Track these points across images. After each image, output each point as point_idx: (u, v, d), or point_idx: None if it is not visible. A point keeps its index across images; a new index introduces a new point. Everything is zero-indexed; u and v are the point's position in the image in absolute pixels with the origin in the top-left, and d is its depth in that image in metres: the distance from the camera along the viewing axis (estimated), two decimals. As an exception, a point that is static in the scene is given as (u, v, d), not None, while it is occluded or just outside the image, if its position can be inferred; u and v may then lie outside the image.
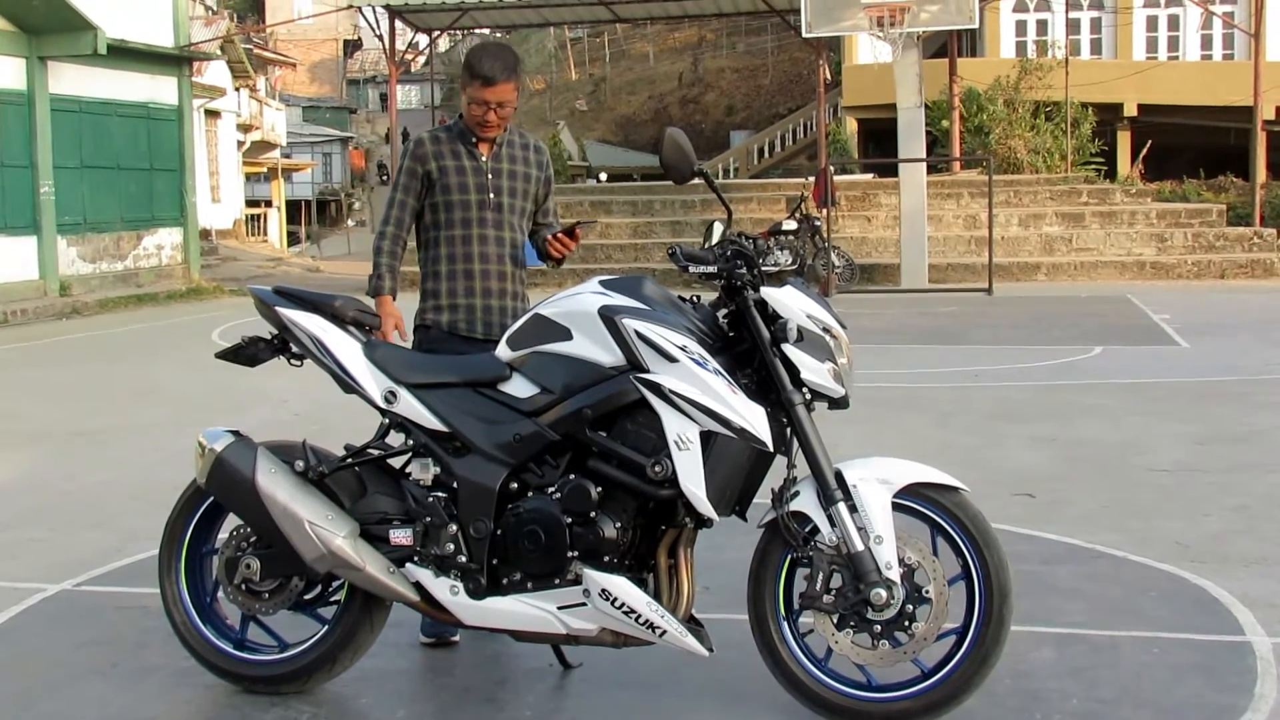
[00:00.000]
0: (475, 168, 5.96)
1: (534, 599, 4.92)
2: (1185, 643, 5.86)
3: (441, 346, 5.79)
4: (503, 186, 6.00)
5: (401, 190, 5.98)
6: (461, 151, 5.96)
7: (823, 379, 4.82)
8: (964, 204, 31.12)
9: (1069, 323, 19.61)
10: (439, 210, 5.97)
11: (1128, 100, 39.54)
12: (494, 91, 5.81)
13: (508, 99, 5.88)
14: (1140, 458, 9.86)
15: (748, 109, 58.65)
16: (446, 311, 5.91)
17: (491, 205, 5.97)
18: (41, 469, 10.10)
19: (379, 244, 6.01)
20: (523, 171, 6.07)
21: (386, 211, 6.01)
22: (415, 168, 5.94)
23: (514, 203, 6.04)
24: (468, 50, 6.08)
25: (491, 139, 5.99)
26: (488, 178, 5.97)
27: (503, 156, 6.03)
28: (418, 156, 5.95)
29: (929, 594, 4.81)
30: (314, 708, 5.15)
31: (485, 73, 5.77)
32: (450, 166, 5.93)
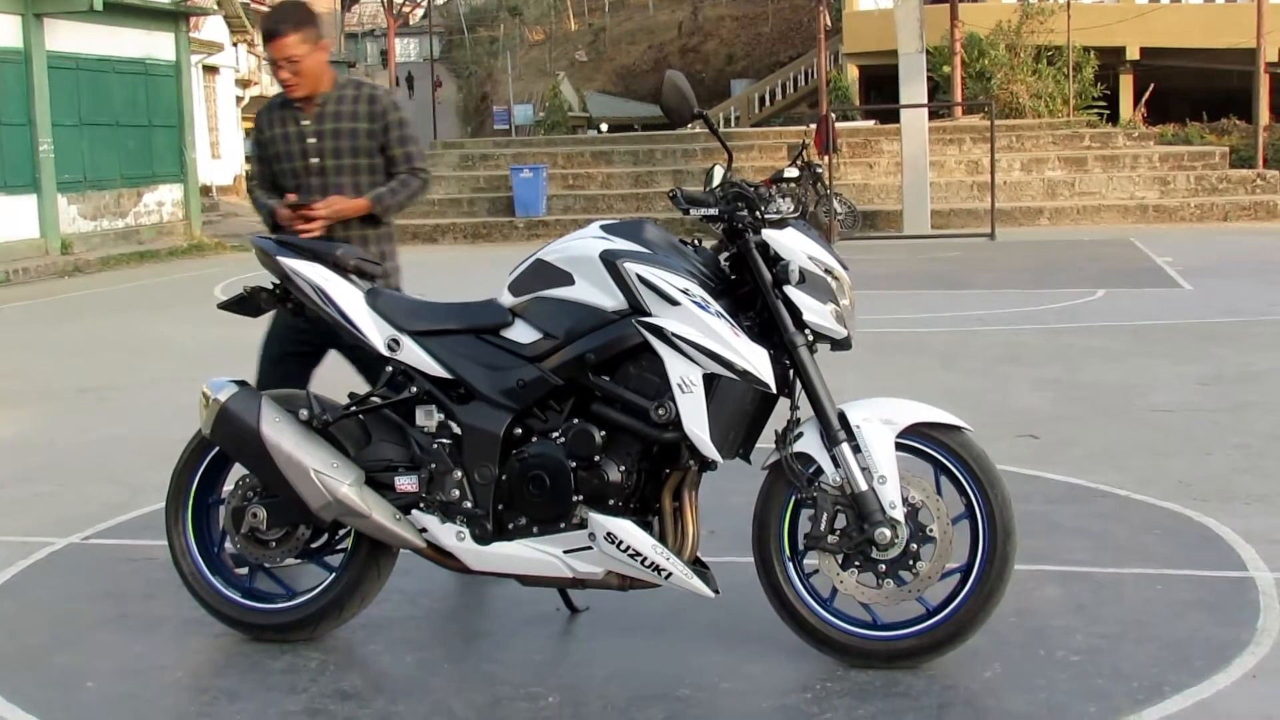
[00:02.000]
0: (297, 133, 5.85)
1: (540, 543, 4.94)
2: (1188, 579, 5.89)
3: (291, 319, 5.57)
4: (325, 148, 5.85)
5: (258, 161, 6.01)
6: (286, 118, 5.86)
7: (825, 320, 4.83)
8: (966, 149, 31.04)
9: (1072, 266, 19.60)
10: (276, 180, 5.95)
11: (1130, 43, 39.49)
12: (277, 47, 5.67)
13: (296, 54, 5.70)
14: (1143, 398, 9.88)
15: (748, 57, 58.51)
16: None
17: (314, 170, 5.85)
18: (48, 425, 10.13)
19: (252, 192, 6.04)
20: (349, 128, 5.86)
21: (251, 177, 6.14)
22: (259, 137, 5.94)
23: (341, 163, 5.87)
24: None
25: (308, 99, 5.82)
26: (308, 142, 5.84)
27: (325, 116, 5.85)
28: (258, 127, 5.97)
29: (933, 533, 4.83)
30: (322, 655, 5.18)
31: (265, 27, 5.71)
32: (277, 135, 5.87)
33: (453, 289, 6.26)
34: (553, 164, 32.35)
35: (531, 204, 29.76)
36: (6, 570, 6.42)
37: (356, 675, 5.03)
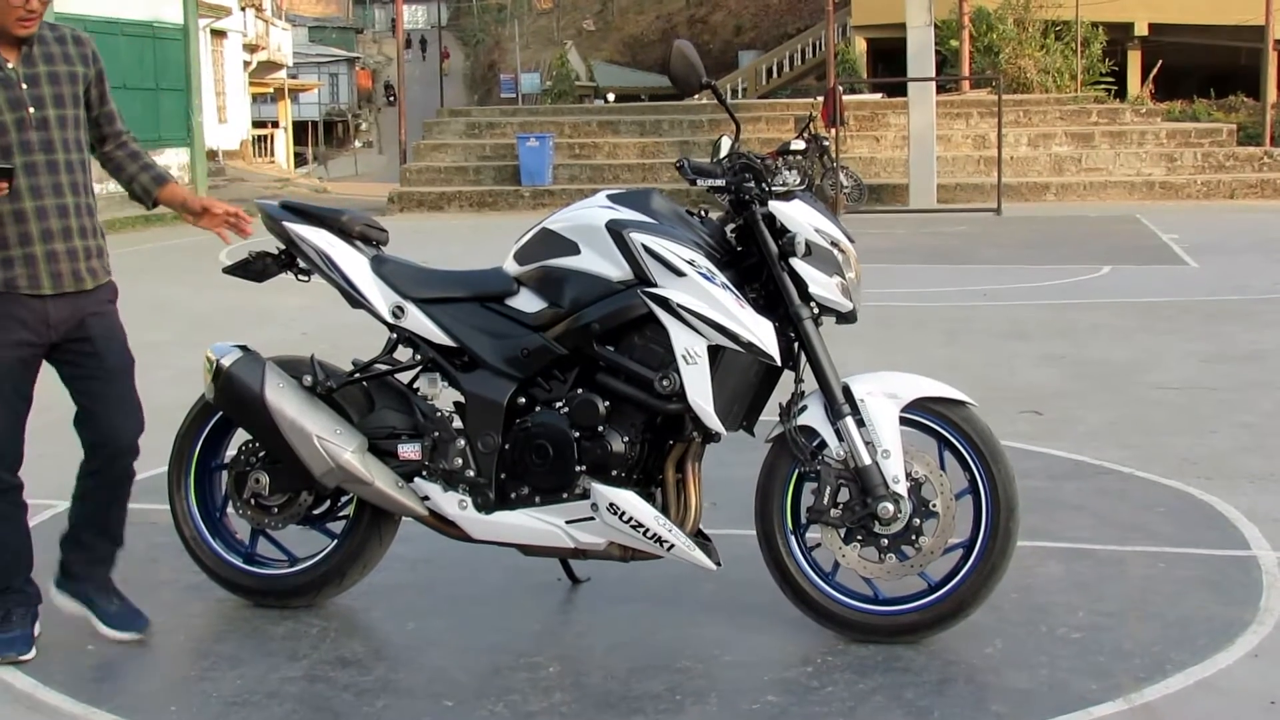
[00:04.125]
0: (3, 79, 4.71)
1: (542, 513, 4.93)
2: (1191, 557, 5.88)
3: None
4: (44, 96, 4.78)
5: None
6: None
7: (831, 293, 4.83)
8: (973, 124, 30.99)
9: (1078, 242, 19.60)
10: None
11: (1138, 19, 39.40)
12: None
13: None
14: (1148, 376, 9.88)
15: (756, 29, 58.41)
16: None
17: (33, 123, 4.75)
18: (50, 388, 10.02)
19: None
20: (66, 72, 4.84)
21: None
22: None
23: (63, 114, 4.83)
24: None
25: (25, 38, 4.74)
26: (22, 89, 4.73)
27: (36, 58, 4.79)
28: None
29: (936, 508, 4.83)
30: (323, 621, 5.18)
31: None
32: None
33: (458, 257, 6.22)
34: (559, 133, 32.30)
35: (538, 173, 29.73)
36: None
37: (357, 642, 5.03)
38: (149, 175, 5.17)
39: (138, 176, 5.17)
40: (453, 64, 68.63)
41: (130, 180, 5.18)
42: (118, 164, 5.17)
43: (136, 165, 5.17)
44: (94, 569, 5.10)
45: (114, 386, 4.98)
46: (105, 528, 5.13)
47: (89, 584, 5.08)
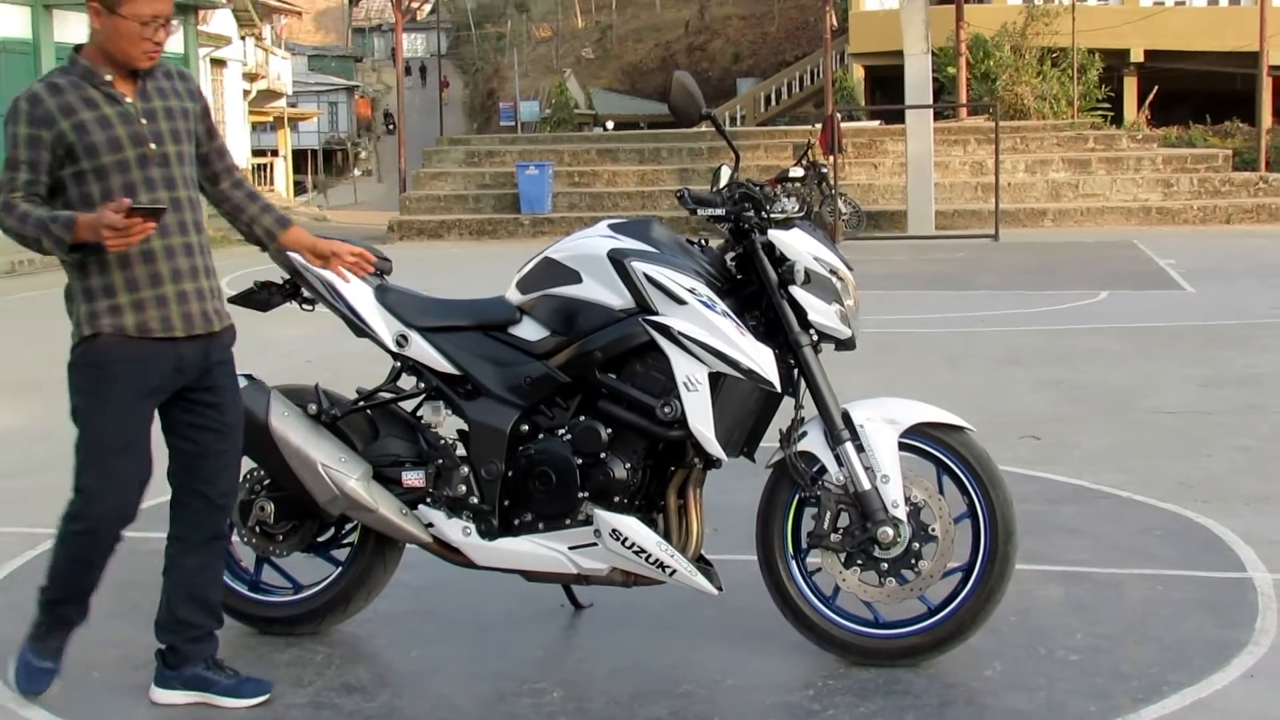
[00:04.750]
0: (122, 114, 4.49)
1: (545, 539, 4.98)
2: (1188, 580, 5.93)
3: (124, 362, 4.52)
4: (162, 132, 4.57)
5: (28, 169, 4.44)
6: (97, 98, 4.48)
7: (829, 320, 4.88)
8: (970, 150, 31.10)
9: (1075, 268, 19.69)
10: (88, 180, 4.46)
11: (1135, 46, 39.59)
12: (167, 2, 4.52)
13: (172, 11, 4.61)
14: (1145, 400, 9.94)
15: (754, 56, 58.59)
16: (130, 311, 4.50)
17: (156, 159, 4.54)
18: (54, 416, 10.07)
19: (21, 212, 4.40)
20: (179, 107, 4.66)
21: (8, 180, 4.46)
22: (40, 135, 4.41)
23: (180, 150, 4.63)
24: None
25: (140, 72, 4.56)
26: (142, 123, 4.53)
27: (151, 93, 4.59)
28: (39, 119, 4.42)
29: (935, 532, 4.88)
30: (328, 648, 5.22)
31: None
32: (89, 120, 4.44)
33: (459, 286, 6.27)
34: (559, 161, 32.42)
35: (537, 201, 29.82)
36: (14, 560, 6.49)
37: (362, 669, 5.07)
38: (271, 218, 4.99)
39: (259, 219, 4.97)
40: (452, 92, 68.79)
41: (251, 222, 4.97)
42: (236, 205, 4.95)
43: (257, 207, 4.98)
44: (199, 647, 4.81)
45: (227, 440, 4.76)
46: (204, 600, 4.84)
47: (197, 664, 4.79)
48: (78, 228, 4.29)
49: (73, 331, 4.57)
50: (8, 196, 4.42)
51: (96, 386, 4.54)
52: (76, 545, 4.71)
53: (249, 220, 4.96)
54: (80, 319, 4.52)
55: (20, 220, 4.37)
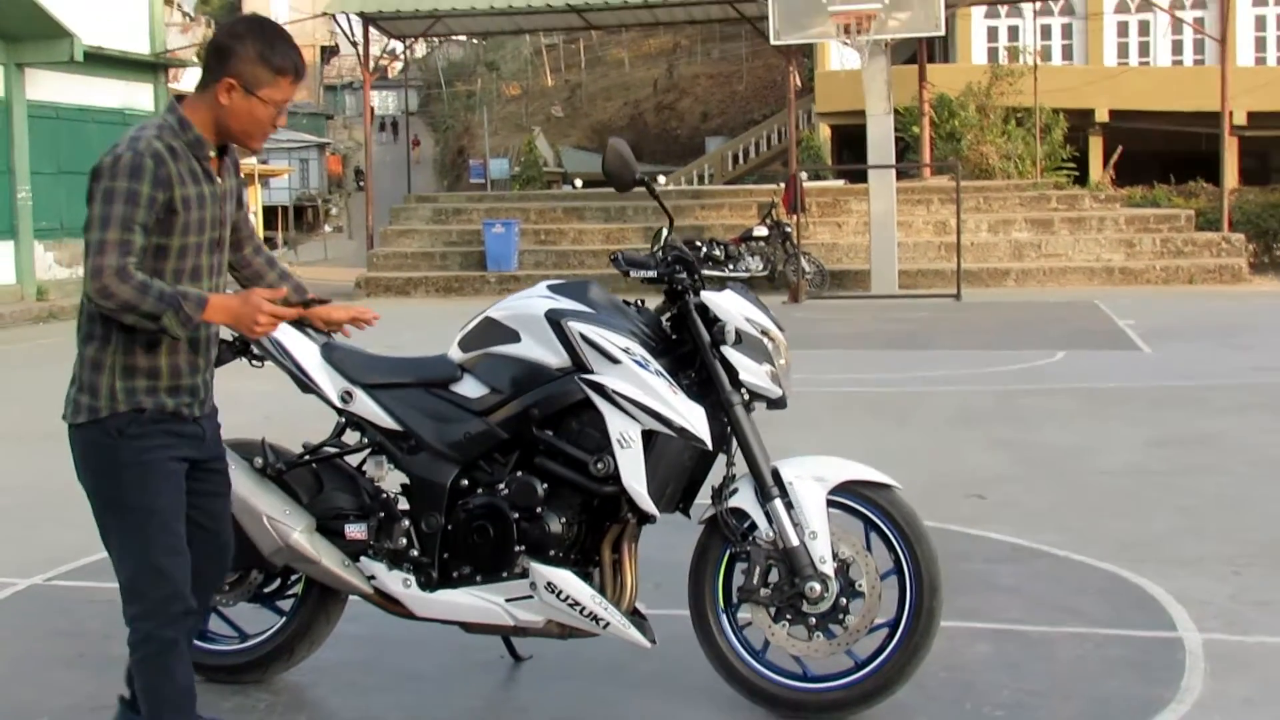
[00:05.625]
0: (212, 194, 4.40)
1: (483, 591, 5.09)
2: (1118, 638, 6.05)
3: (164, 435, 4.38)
4: (227, 215, 4.53)
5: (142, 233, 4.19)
6: (199, 172, 4.35)
7: (760, 380, 5.01)
8: (934, 210, 31.35)
9: (1034, 328, 19.83)
10: (168, 257, 4.31)
11: (1099, 106, 39.91)
12: (297, 88, 4.55)
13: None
14: (1092, 460, 10.07)
15: (723, 115, 58.88)
16: (167, 394, 4.37)
17: (219, 243, 4.50)
18: (13, 469, 10.26)
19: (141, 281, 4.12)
20: (233, 187, 4.61)
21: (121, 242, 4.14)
22: (158, 197, 4.20)
23: (227, 233, 4.58)
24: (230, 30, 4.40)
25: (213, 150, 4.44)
26: (220, 206, 4.46)
27: (226, 172, 4.52)
28: (161, 181, 4.20)
29: (862, 588, 5.00)
30: (272, 696, 5.32)
31: (296, 64, 4.42)
32: (192, 195, 4.31)
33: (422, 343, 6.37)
34: (525, 219, 32.60)
35: (504, 259, 29.98)
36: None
37: (304, 717, 5.18)
38: (290, 286, 4.97)
39: (278, 286, 4.86)
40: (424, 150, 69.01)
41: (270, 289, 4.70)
42: (256, 271, 4.94)
43: (275, 274, 4.99)
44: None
45: (229, 505, 4.77)
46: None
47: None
48: (210, 309, 4.20)
49: (86, 403, 4.37)
50: (124, 261, 4.11)
51: (146, 464, 4.33)
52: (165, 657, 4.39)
53: (268, 287, 4.80)
54: (111, 393, 4.33)
55: (139, 290, 4.10)
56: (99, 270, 4.09)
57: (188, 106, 4.36)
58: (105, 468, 4.37)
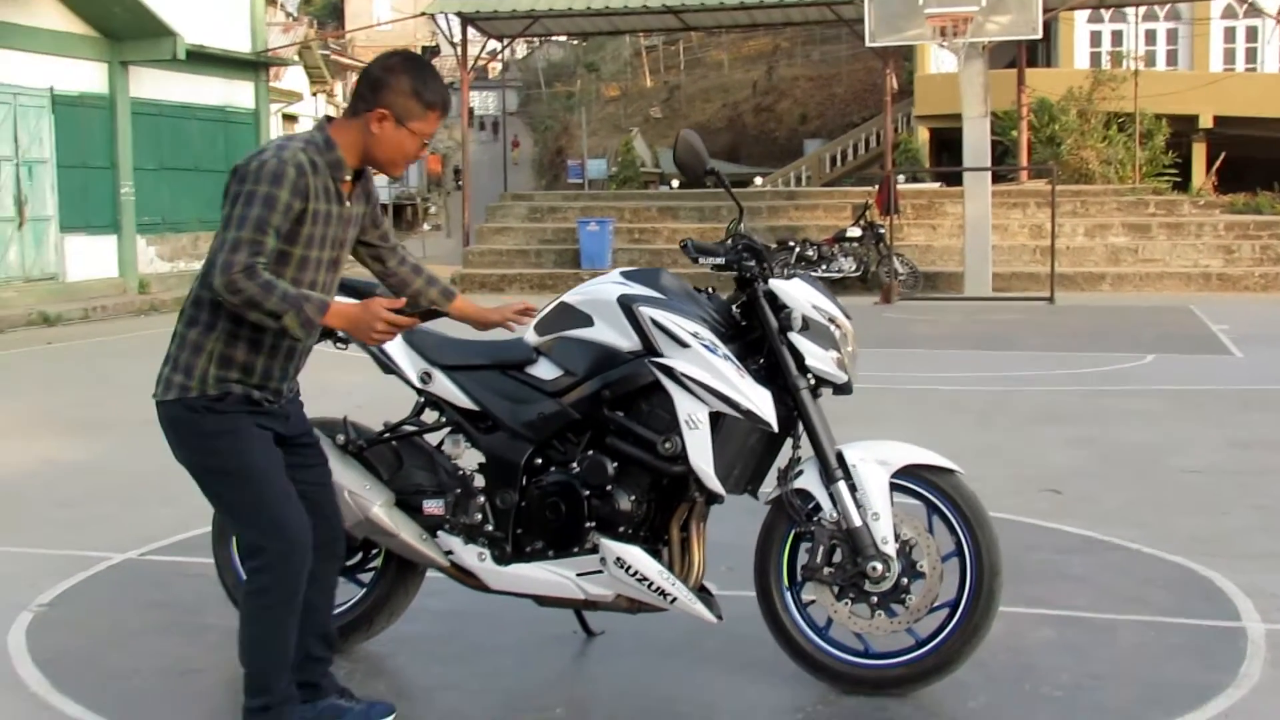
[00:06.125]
0: (340, 215, 4.62)
1: (555, 566, 5.27)
2: (1182, 626, 6.13)
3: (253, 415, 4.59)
4: (349, 238, 4.75)
5: (275, 236, 4.39)
6: (333, 191, 4.56)
7: (826, 365, 5.15)
8: (1030, 213, 31.19)
9: (1126, 331, 19.73)
10: (288, 264, 4.51)
11: (1203, 112, 39.47)
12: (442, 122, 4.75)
13: None
14: (1172, 459, 10.10)
15: (821, 117, 58.80)
16: (255, 389, 4.59)
17: (335, 262, 4.71)
18: (114, 452, 10.57)
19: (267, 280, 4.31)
20: (359, 213, 4.80)
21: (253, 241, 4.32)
22: (293, 203, 4.41)
23: (344, 255, 4.80)
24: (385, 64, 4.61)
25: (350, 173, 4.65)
26: (345, 229, 4.69)
27: (358, 197, 4.74)
28: (300, 191, 4.42)
29: (923, 569, 5.13)
30: (351, 664, 5.51)
31: (445, 100, 4.65)
32: (322, 211, 4.53)
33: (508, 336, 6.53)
34: (620, 218, 32.77)
35: (597, 256, 30.15)
36: (69, 579, 6.86)
37: (381, 683, 5.37)
38: (437, 290, 5.25)
39: (425, 292, 5.22)
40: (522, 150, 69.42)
41: (417, 295, 5.20)
42: (402, 279, 5.17)
43: (422, 280, 5.22)
44: (330, 679, 4.94)
45: (329, 474, 5.00)
46: (328, 634, 4.94)
47: (331, 695, 4.89)
48: (330, 313, 4.38)
49: (179, 381, 4.54)
50: (252, 260, 4.29)
51: (234, 430, 4.53)
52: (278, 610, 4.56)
53: (415, 293, 5.19)
54: (204, 376, 4.51)
55: (264, 288, 4.27)
56: (229, 265, 4.27)
57: (335, 128, 4.59)
58: (196, 440, 4.58)
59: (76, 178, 25.59)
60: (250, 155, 4.46)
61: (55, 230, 25.17)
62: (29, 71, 24.51)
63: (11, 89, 24.13)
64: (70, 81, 25.46)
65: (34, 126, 24.68)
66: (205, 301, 4.53)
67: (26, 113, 24.51)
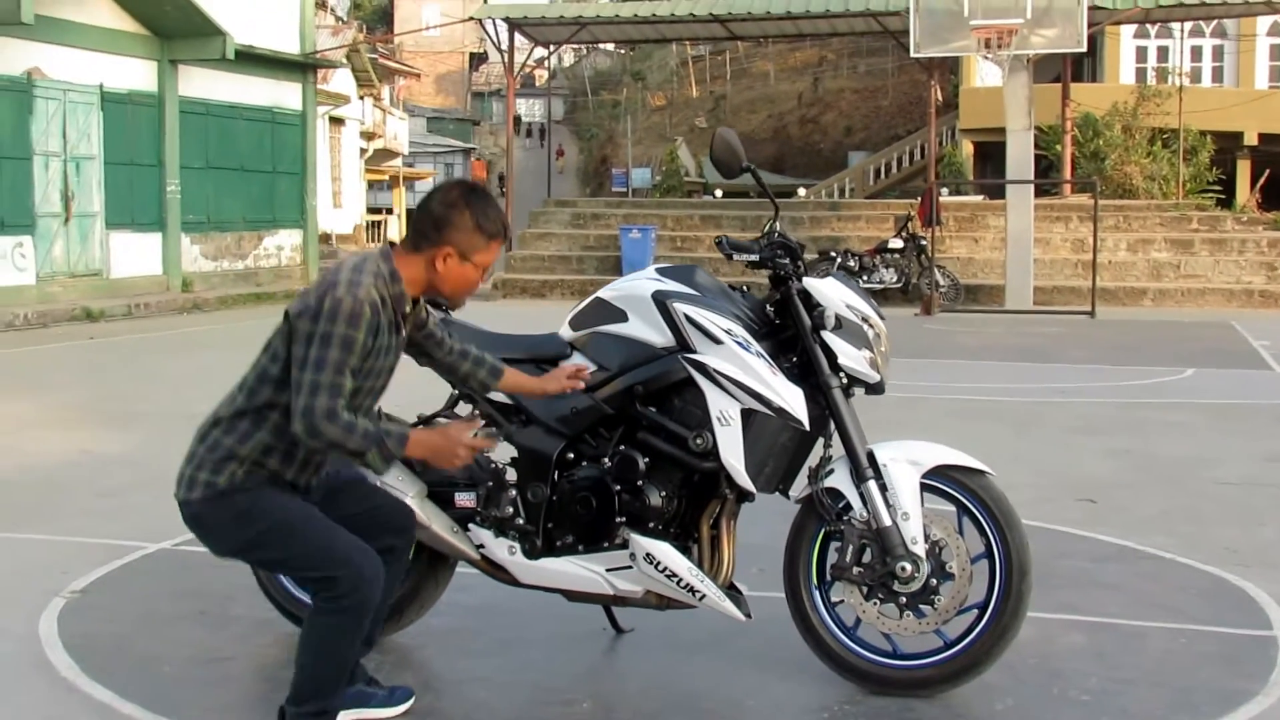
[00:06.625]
0: (397, 346, 4.68)
1: (584, 561, 5.28)
2: (1212, 634, 6.10)
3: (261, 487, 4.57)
4: (398, 361, 4.77)
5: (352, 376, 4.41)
6: (394, 323, 4.61)
7: (859, 365, 5.16)
8: (1073, 227, 31.10)
9: (1166, 345, 19.67)
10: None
11: (1248, 129, 39.38)
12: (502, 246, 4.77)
13: None
14: (1208, 470, 10.06)
15: (866, 129, 58.84)
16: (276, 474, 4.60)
17: (384, 389, 4.76)
18: (151, 444, 10.65)
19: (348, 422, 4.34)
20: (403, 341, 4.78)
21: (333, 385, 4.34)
22: (367, 343, 4.45)
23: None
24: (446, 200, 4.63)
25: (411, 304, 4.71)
26: (397, 356, 4.72)
27: (409, 326, 4.79)
28: (372, 328, 4.45)
29: (952, 570, 5.12)
30: (379, 655, 5.52)
31: (505, 228, 4.69)
32: (384, 346, 4.56)
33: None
34: (662, 226, 32.83)
35: (639, 264, 30.09)
36: (102, 567, 6.92)
37: (409, 674, 5.37)
38: (485, 370, 5.20)
39: (474, 374, 5.19)
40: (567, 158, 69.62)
41: (466, 378, 5.21)
42: (450, 365, 5.16)
43: (469, 363, 5.17)
44: (360, 668, 4.99)
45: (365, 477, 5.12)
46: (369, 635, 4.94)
47: (359, 682, 4.96)
48: (411, 445, 4.47)
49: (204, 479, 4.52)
50: (333, 403, 4.33)
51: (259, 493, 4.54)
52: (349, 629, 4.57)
53: (464, 376, 5.20)
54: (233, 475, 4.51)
55: (346, 430, 4.32)
56: (309, 410, 4.31)
57: (400, 260, 4.60)
58: (227, 522, 4.58)
59: (123, 175, 25.78)
60: (321, 289, 4.45)
61: (101, 226, 25.36)
62: (79, 68, 24.71)
63: (61, 85, 24.32)
64: (119, 79, 25.66)
65: (82, 123, 24.86)
66: (249, 413, 4.55)
67: (75, 109, 24.70)
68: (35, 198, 23.78)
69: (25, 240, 23.53)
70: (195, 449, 4.62)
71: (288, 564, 4.66)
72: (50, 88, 24.10)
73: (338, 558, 4.49)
